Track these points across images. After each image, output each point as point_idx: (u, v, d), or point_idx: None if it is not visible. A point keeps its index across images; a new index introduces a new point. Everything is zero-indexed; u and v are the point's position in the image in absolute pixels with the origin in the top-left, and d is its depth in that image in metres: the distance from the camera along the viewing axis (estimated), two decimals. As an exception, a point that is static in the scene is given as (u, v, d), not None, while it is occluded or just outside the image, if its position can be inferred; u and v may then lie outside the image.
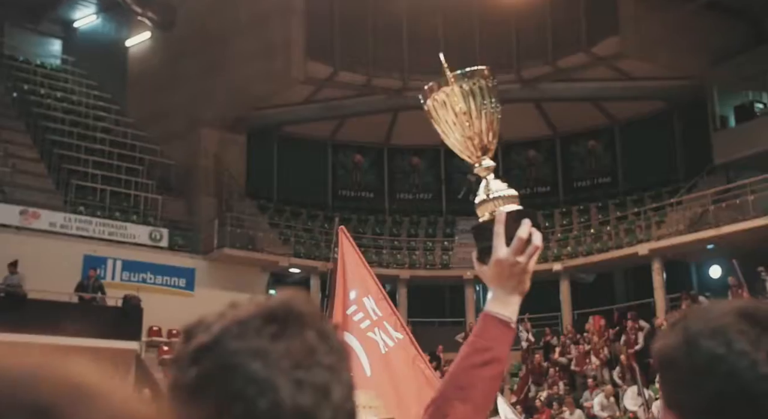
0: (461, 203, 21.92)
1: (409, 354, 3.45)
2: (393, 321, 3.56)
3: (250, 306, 0.72)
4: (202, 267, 17.75)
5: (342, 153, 22.30)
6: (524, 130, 21.30)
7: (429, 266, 20.02)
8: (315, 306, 0.74)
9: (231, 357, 0.68)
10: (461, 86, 1.42)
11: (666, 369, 0.84)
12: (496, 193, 1.42)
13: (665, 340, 0.85)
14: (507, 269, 1.26)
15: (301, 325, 0.70)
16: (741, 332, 0.80)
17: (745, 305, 0.84)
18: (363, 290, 3.60)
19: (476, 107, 1.43)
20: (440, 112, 1.45)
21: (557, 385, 14.28)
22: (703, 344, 0.80)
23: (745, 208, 15.76)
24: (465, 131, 1.44)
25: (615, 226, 18.91)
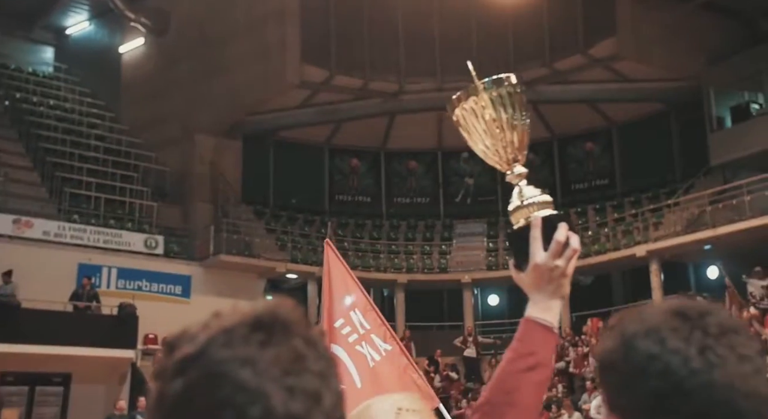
0: (459, 207, 21.90)
1: (399, 364, 3.41)
2: (382, 332, 3.49)
3: (235, 315, 0.71)
4: (198, 274, 17.64)
5: (338, 157, 22.22)
6: (521, 133, 21.25)
7: (427, 270, 19.93)
8: (301, 313, 0.73)
9: (219, 365, 0.67)
10: (490, 93, 1.41)
11: (606, 373, 0.85)
12: (530, 199, 1.39)
13: (603, 345, 0.85)
14: (546, 273, 1.25)
15: (287, 332, 0.70)
16: (674, 329, 0.80)
17: (677, 304, 0.84)
18: (350, 304, 3.56)
19: (506, 114, 1.42)
20: (469, 120, 1.44)
21: (555, 388, 14.20)
22: (639, 344, 0.81)
23: (742, 208, 15.73)
24: (495, 139, 1.43)
25: (613, 228, 18.86)
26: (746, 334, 0.82)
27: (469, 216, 21.32)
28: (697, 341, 0.79)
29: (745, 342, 0.81)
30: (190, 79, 19.66)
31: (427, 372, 16.00)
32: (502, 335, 19.06)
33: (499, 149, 1.44)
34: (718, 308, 0.84)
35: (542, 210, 1.36)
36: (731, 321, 0.82)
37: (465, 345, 17.53)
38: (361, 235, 20.70)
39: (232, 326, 0.70)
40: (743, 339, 0.81)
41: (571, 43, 19.14)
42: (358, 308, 3.54)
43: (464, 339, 17.80)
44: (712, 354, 0.78)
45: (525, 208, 1.38)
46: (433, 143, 22.03)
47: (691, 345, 0.79)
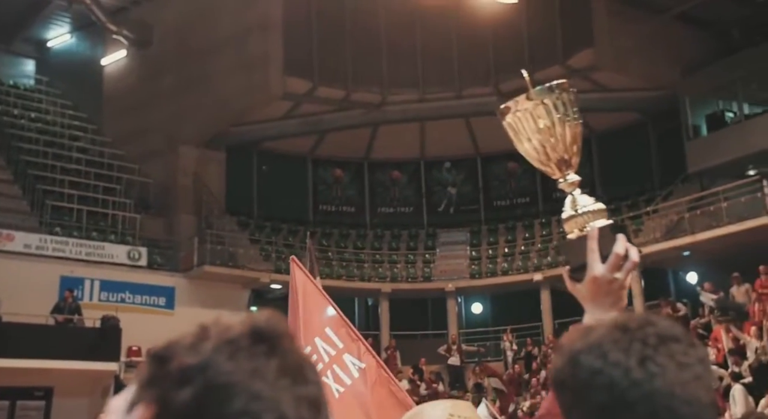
0: (442, 216, 22.07)
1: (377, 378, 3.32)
2: (356, 348, 3.38)
3: (233, 326, 0.73)
4: (182, 285, 17.60)
5: (322, 168, 22.32)
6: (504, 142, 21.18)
7: (411, 279, 20.05)
8: (288, 324, 0.77)
9: (229, 376, 0.69)
10: (543, 101, 1.40)
11: (558, 391, 0.86)
12: (584, 208, 1.39)
13: (554, 364, 0.86)
14: (604, 286, 1.24)
15: (286, 343, 0.73)
16: (614, 342, 0.81)
17: (620, 317, 0.86)
18: (317, 328, 3.43)
19: (560, 122, 1.41)
20: (521, 129, 1.44)
21: (540, 395, 14.32)
22: (583, 360, 0.82)
23: (719, 215, 16.02)
24: (548, 147, 1.42)
25: (594, 235, 19.08)
26: (687, 342, 0.83)
27: (452, 225, 21.50)
28: (637, 352, 0.80)
29: (686, 350, 0.82)
30: (173, 91, 19.70)
31: (412, 381, 16.07)
32: (486, 343, 19.21)
33: (552, 160, 1.43)
34: (659, 318, 0.85)
35: (597, 219, 1.34)
36: (671, 330, 0.83)
37: (449, 353, 17.64)
38: (346, 245, 20.78)
39: (235, 337, 0.72)
40: (683, 347, 0.82)
41: (550, 54, 19.45)
42: (331, 326, 3.43)
43: (448, 347, 17.91)
44: (651, 364, 0.80)
45: (579, 217, 1.36)
46: (416, 153, 22.21)
47: (631, 357, 0.80)
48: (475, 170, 22.10)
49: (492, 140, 21.50)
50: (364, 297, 20.46)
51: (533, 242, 20.37)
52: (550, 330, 18.01)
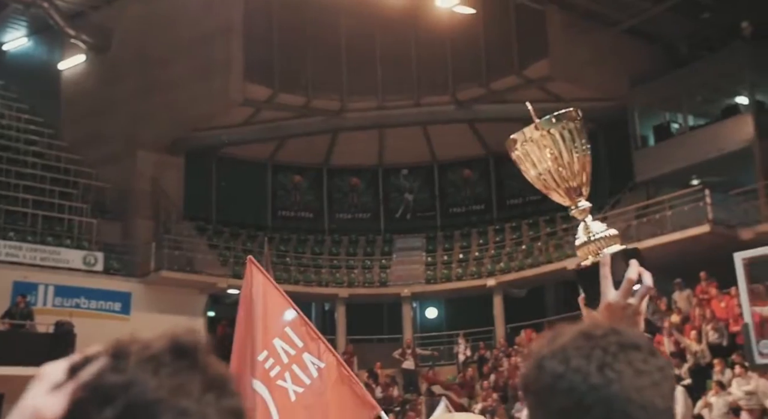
0: (399, 222, 22.38)
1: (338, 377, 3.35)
2: (315, 347, 3.38)
3: (153, 342, 0.73)
4: (139, 291, 17.56)
5: (281, 174, 22.45)
6: (459, 150, 21.95)
7: (367, 284, 20.30)
8: (206, 340, 0.77)
9: (153, 393, 0.68)
10: (549, 131, 1.42)
11: (525, 394, 0.90)
12: (597, 235, 1.39)
13: (522, 369, 0.91)
14: (619, 312, 1.22)
15: (205, 356, 0.74)
16: (578, 348, 0.85)
17: (586, 324, 0.90)
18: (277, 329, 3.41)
19: (567, 151, 1.42)
20: (530, 159, 1.44)
21: (491, 397, 14.69)
22: (547, 365, 0.85)
23: (664, 223, 16.61)
24: (557, 176, 1.43)
25: (545, 242, 19.60)
26: (648, 351, 0.86)
27: (409, 231, 21.84)
28: (597, 358, 0.83)
29: (645, 358, 0.84)
30: (132, 96, 19.63)
31: (367, 385, 16.31)
32: (440, 347, 19.56)
33: (562, 187, 1.44)
34: (625, 329, 0.89)
35: (611, 245, 1.34)
36: (634, 339, 0.86)
37: (404, 357, 17.92)
38: (303, 250, 20.94)
39: (156, 353, 0.71)
40: (643, 356, 0.84)
41: (507, 64, 19.93)
42: (291, 325, 3.43)
43: (403, 351, 18.20)
44: (609, 370, 0.82)
45: (592, 243, 1.37)
46: (374, 160, 22.50)
47: (591, 363, 0.83)
48: (432, 177, 22.49)
49: (449, 147, 21.94)
50: (321, 302, 20.65)
51: (487, 249, 20.81)
52: (502, 335, 18.44)
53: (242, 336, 3.44)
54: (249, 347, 3.36)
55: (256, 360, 3.31)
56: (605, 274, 1.26)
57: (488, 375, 16.05)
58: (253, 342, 3.36)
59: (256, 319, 3.43)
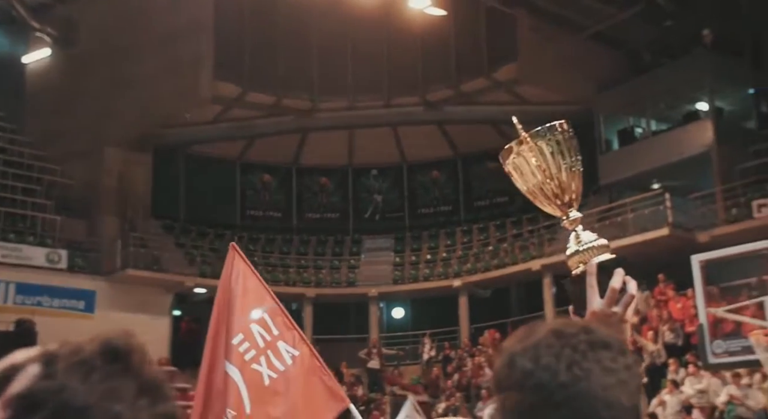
0: (368, 223, 22.47)
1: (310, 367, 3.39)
2: (291, 337, 3.41)
3: (84, 346, 0.72)
4: (104, 289, 17.38)
5: (251, 173, 22.38)
6: (428, 151, 22.13)
7: (335, 284, 20.36)
8: (140, 343, 0.76)
9: (83, 398, 0.67)
10: (537, 144, 1.43)
11: (496, 389, 0.91)
12: (587, 244, 1.41)
13: (495, 364, 0.92)
14: (604, 320, 1.23)
15: (139, 359, 0.72)
16: (548, 346, 0.86)
17: (559, 322, 0.91)
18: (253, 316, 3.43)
19: (555, 162, 1.43)
20: (521, 170, 1.46)
21: (454, 396, 14.86)
22: (518, 362, 0.86)
23: (626, 226, 16.97)
24: (546, 188, 1.44)
25: (511, 243, 19.87)
26: (617, 350, 0.87)
27: (378, 231, 21.94)
28: (567, 357, 0.84)
29: (614, 357, 0.86)
30: (99, 92, 19.37)
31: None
32: (405, 346, 19.71)
33: (552, 198, 1.45)
34: (598, 327, 0.90)
35: (600, 255, 1.37)
36: (604, 338, 0.87)
37: (369, 356, 18.03)
38: (271, 249, 20.90)
39: (87, 357, 0.69)
40: (612, 355, 0.86)
41: (476, 67, 20.15)
42: (268, 313, 3.45)
43: (369, 351, 18.30)
44: (578, 369, 0.83)
45: (582, 253, 1.40)
46: (344, 160, 22.56)
47: (560, 361, 0.84)
48: (401, 178, 22.62)
49: (418, 148, 22.10)
50: (288, 302, 20.55)
51: (454, 249, 21.02)
52: (467, 335, 18.66)
53: (218, 319, 3.48)
54: (224, 330, 3.40)
55: (231, 344, 3.34)
56: (591, 283, 1.29)
57: (452, 375, 16.24)
58: (230, 325, 3.39)
59: (234, 304, 3.45)
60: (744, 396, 10.89)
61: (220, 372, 3.29)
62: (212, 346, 3.45)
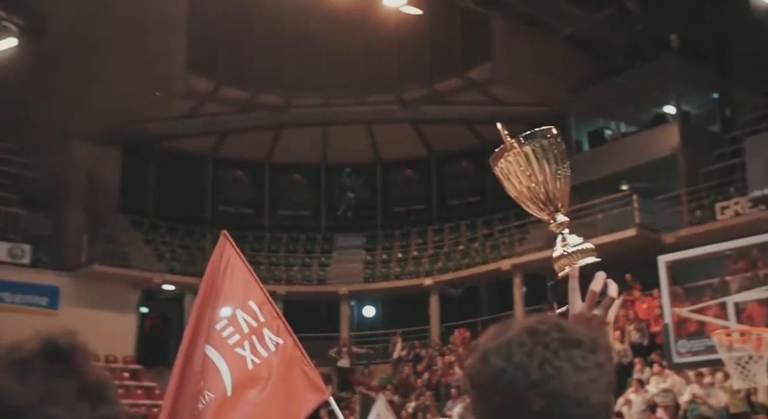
0: (340, 220, 22.43)
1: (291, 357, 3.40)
2: (275, 325, 3.40)
3: (24, 344, 0.70)
4: (68, 285, 17.09)
5: (223, 169, 22.18)
6: (402, 149, 22.16)
7: (306, 281, 20.28)
8: (83, 342, 0.73)
9: (19, 399, 0.65)
10: (523, 148, 1.45)
11: (469, 385, 0.92)
12: (573, 247, 1.43)
13: (469, 360, 0.93)
14: (585, 323, 1.24)
15: (82, 360, 0.70)
16: (521, 345, 0.87)
17: (532, 320, 0.91)
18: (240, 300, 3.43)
19: (541, 168, 1.45)
20: (509, 175, 1.48)
21: (424, 395, 14.91)
22: (490, 360, 0.87)
23: (595, 226, 17.19)
24: (533, 192, 1.46)
25: (482, 243, 20.01)
26: (589, 348, 0.88)
27: (350, 229, 21.91)
28: (539, 355, 0.85)
29: (585, 355, 0.86)
30: (67, 84, 18.99)
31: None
32: (376, 345, 19.72)
33: (538, 202, 1.47)
34: (568, 325, 0.90)
35: (586, 258, 1.40)
36: (576, 336, 0.88)
37: (339, 355, 18.00)
38: (242, 246, 20.65)
39: (26, 357, 0.67)
40: (583, 353, 0.87)
41: (451, 66, 20.24)
42: (254, 300, 3.46)
43: (339, 349, 18.26)
44: (549, 367, 0.84)
45: (568, 256, 1.41)
46: (318, 157, 22.48)
47: (532, 359, 0.85)
48: (374, 176, 22.62)
49: (392, 147, 22.12)
50: (259, 299, 20.48)
51: (426, 248, 21.09)
52: (437, 334, 18.74)
53: (203, 304, 3.48)
54: (208, 314, 3.41)
55: (214, 328, 3.35)
56: (573, 286, 1.30)
57: (422, 374, 16.29)
58: (214, 311, 3.41)
59: (221, 290, 3.46)
60: (706, 395, 11.12)
61: (199, 355, 3.29)
62: (193, 330, 3.44)
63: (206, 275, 3.53)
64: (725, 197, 15.69)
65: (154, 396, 16.48)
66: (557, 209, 1.50)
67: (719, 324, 10.32)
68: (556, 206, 1.50)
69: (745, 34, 18.75)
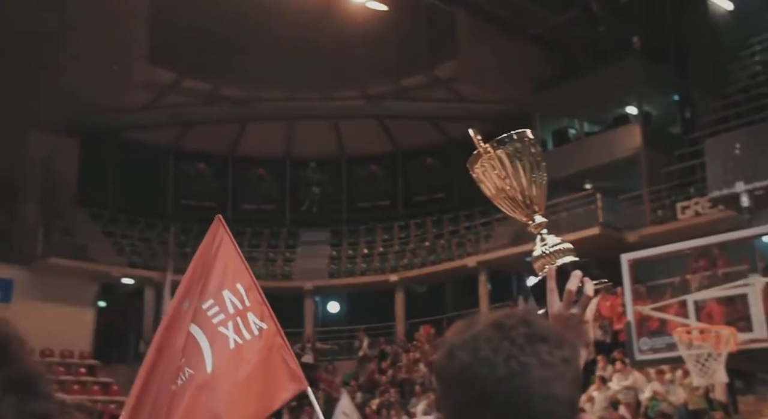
0: (305, 215, 22.25)
1: (273, 343, 3.42)
2: (260, 311, 3.44)
3: None
4: (22, 278, 16.59)
5: (185, 161, 21.78)
6: (368, 145, 22.08)
7: (270, 277, 20.04)
8: (18, 332, 0.71)
9: None
10: (497, 152, 1.46)
11: (436, 380, 0.92)
12: (551, 248, 1.44)
13: (436, 356, 0.92)
14: (564, 322, 1.26)
15: (16, 350, 0.68)
16: (487, 339, 0.86)
17: (499, 315, 0.90)
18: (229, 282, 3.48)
19: (515, 171, 1.45)
20: (485, 177, 1.50)
21: (389, 392, 14.89)
22: (457, 355, 0.87)
23: (560, 224, 17.38)
24: (510, 195, 1.47)
25: (448, 239, 20.07)
26: (555, 343, 0.87)
27: (315, 225, 21.75)
28: (505, 350, 0.85)
29: (551, 350, 0.86)
30: (24, 72, 18.38)
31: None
32: (340, 341, 19.64)
33: (516, 204, 1.48)
34: (536, 319, 0.90)
35: (564, 258, 1.40)
36: (542, 331, 0.87)
37: (303, 351, 17.87)
38: (205, 241, 20.38)
39: None
40: (549, 348, 0.86)
41: (416, 63, 20.22)
42: (242, 284, 3.49)
43: (302, 345, 18.13)
44: (515, 363, 0.84)
45: (547, 256, 1.42)
46: (282, 152, 22.24)
47: (498, 355, 0.84)
48: (340, 172, 22.50)
49: (358, 142, 22.02)
50: (222, 295, 20.19)
51: (391, 244, 21.06)
52: (402, 330, 18.75)
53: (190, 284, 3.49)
54: (196, 294, 3.41)
55: (200, 308, 3.36)
56: (551, 287, 1.32)
57: (387, 371, 16.26)
58: (202, 291, 3.39)
59: (210, 270, 3.47)
60: (666, 392, 11.34)
61: (182, 333, 3.28)
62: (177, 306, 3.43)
63: (196, 256, 3.56)
64: (686, 197, 16.03)
65: (111, 392, 16.14)
66: (534, 210, 1.50)
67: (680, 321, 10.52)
68: (533, 208, 1.49)
69: (705, 38, 19.18)
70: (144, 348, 16.91)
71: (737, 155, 13.28)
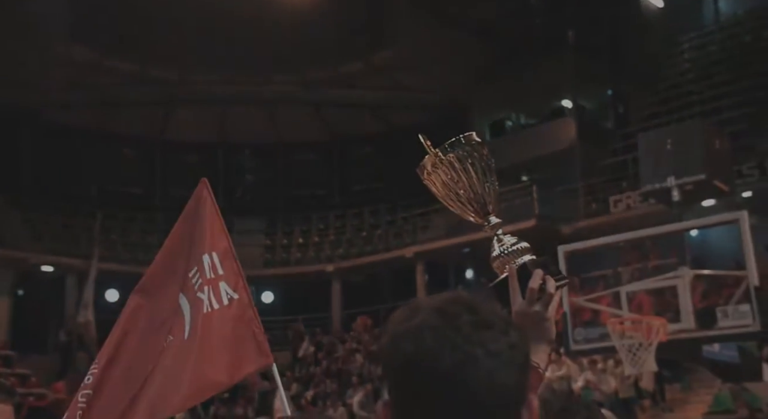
0: (239, 203, 21.63)
1: (243, 315, 3.34)
2: (234, 281, 3.39)
3: None
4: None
5: (108, 145, 20.77)
6: (305, 133, 21.63)
7: (201, 266, 19.42)
8: None
9: None
10: (447, 156, 1.45)
11: (383, 369, 0.90)
12: (510, 248, 1.45)
13: (381, 345, 0.89)
14: (527, 320, 1.29)
15: None
16: (432, 328, 0.83)
17: (444, 300, 0.87)
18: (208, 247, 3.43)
19: (466, 173, 1.46)
20: (436, 183, 1.49)
21: (324, 383, 14.67)
22: (402, 344, 0.84)
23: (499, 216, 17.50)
24: (461, 197, 1.48)
25: (385, 229, 19.93)
26: (500, 329, 0.85)
27: (249, 213, 21.17)
28: (450, 340, 0.82)
29: (497, 337, 0.84)
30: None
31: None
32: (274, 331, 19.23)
33: (468, 208, 1.48)
34: (479, 305, 0.87)
35: (522, 257, 1.41)
36: (487, 317, 0.85)
37: (236, 342, 17.42)
38: (132, 228, 19.54)
39: None
40: (494, 335, 0.84)
41: (355, 50, 19.92)
42: (219, 252, 3.40)
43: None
44: (461, 353, 0.82)
45: (506, 256, 1.42)
46: (215, 137, 21.54)
47: (443, 346, 0.82)
48: (275, 159, 21.99)
49: (294, 130, 21.54)
50: (149, 283, 19.44)
51: (328, 234, 20.76)
52: (339, 321, 18.52)
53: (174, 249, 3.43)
54: (183, 261, 3.37)
55: (187, 276, 3.33)
56: (513, 286, 1.33)
57: (323, 361, 16.03)
58: (188, 256, 3.37)
59: (194, 235, 3.42)
60: (598, 381, 11.55)
61: (170, 302, 3.24)
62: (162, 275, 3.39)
63: (179, 222, 3.53)
64: (619, 190, 16.37)
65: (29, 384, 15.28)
66: (488, 212, 1.51)
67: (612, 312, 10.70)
68: (487, 209, 1.51)
69: (638, 34, 19.63)
70: (64, 338, 16.08)
71: (668, 150, 13.61)
